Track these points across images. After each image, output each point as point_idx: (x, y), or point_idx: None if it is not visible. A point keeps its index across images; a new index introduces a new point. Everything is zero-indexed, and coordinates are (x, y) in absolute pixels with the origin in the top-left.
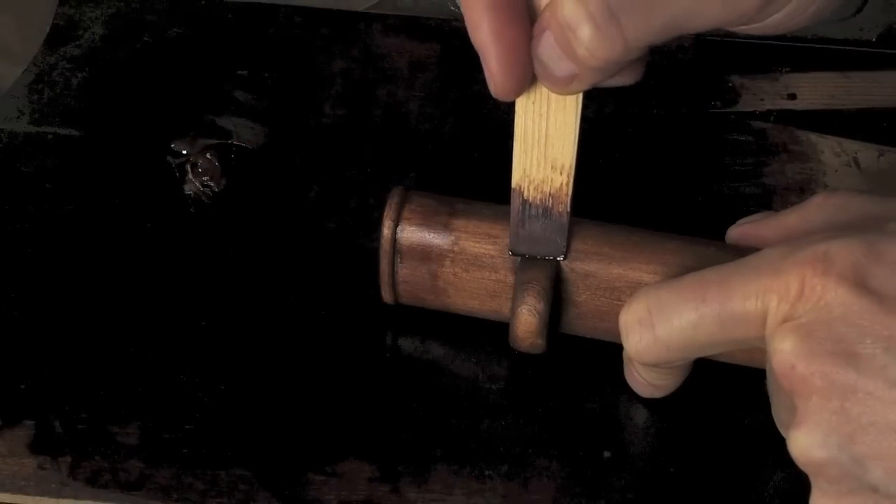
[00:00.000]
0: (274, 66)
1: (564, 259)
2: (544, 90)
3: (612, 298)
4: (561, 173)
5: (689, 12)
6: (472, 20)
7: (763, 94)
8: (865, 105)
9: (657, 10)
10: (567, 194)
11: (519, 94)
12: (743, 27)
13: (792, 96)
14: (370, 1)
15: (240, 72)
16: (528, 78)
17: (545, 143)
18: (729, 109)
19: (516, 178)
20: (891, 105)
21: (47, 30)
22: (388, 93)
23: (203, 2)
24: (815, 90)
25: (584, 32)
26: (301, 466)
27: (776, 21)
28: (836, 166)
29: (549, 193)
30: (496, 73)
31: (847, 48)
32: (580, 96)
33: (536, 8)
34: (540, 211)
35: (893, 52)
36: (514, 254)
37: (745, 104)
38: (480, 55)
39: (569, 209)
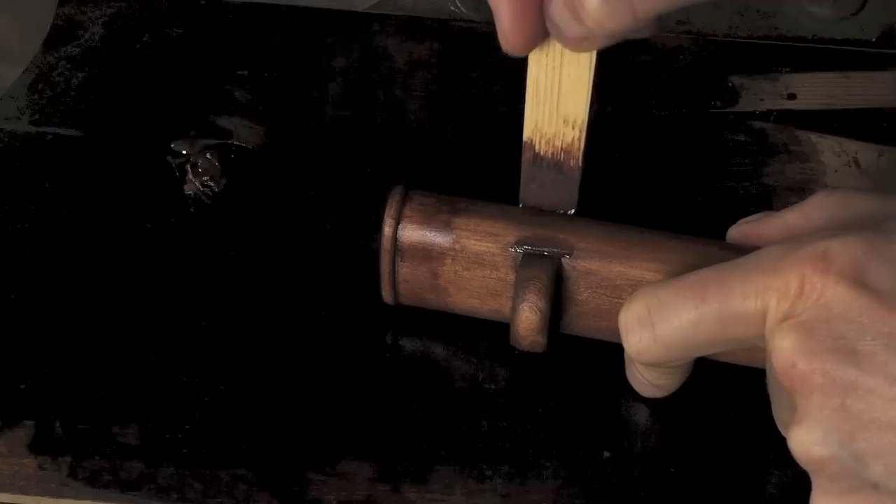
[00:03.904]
0: (274, 66)
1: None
2: (558, 44)
3: (613, 297)
4: (573, 128)
5: None
6: None
7: (763, 94)
8: (865, 105)
9: None
10: (579, 149)
11: (530, 50)
12: None
13: (792, 96)
14: (370, 1)
15: (240, 72)
16: (540, 35)
17: (558, 97)
18: (729, 109)
19: (528, 131)
20: (891, 105)
21: (47, 30)
22: (387, 93)
23: (203, 2)
24: (815, 90)
25: (591, 4)
26: (301, 466)
27: None
28: (836, 166)
29: (562, 148)
30: (508, 30)
31: (847, 48)
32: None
33: None
34: (552, 165)
35: (893, 52)
36: (523, 206)
37: (745, 104)
38: (493, 11)
39: (581, 164)
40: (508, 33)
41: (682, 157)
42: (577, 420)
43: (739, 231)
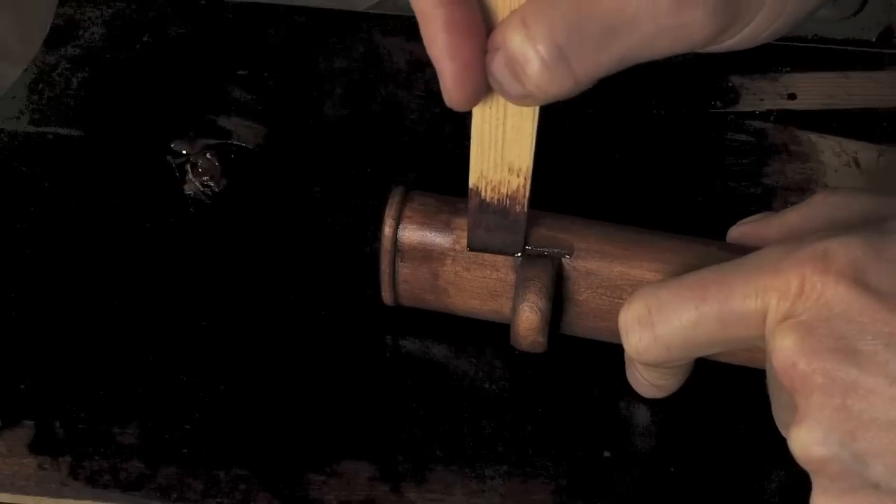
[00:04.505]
0: (274, 66)
1: (521, 255)
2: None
3: (613, 297)
4: (518, 176)
5: (640, 48)
6: (427, 35)
7: (763, 94)
8: (865, 105)
9: (607, 49)
10: (524, 196)
11: (473, 106)
12: (697, 50)
13: (792, 96)
14: (370, 1)
15: (240, 72)
16: (483, 91)
17: (502, 146)
18: (729, 109)
19: (473, 178)
20: (891, 105)
21: (47, 30)
22: (388, 93)
23: (203, 2)
24: (815, 90)
25: (532, 69)
26: (301, 466)
27: (730, 45)
28: (836, 166)
29: (507, 195)
30: (451, 87)
31: (847, 48)
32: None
33: (493, 19)
34: (498, 210)
35: (893, 52)
36: (470, 249)
37: (745, 104)
38: (436, 68)
39: (526, 209)
40: (451, 90)
41: (682, 157)
42: (577, 420)
43: (739, 231)
